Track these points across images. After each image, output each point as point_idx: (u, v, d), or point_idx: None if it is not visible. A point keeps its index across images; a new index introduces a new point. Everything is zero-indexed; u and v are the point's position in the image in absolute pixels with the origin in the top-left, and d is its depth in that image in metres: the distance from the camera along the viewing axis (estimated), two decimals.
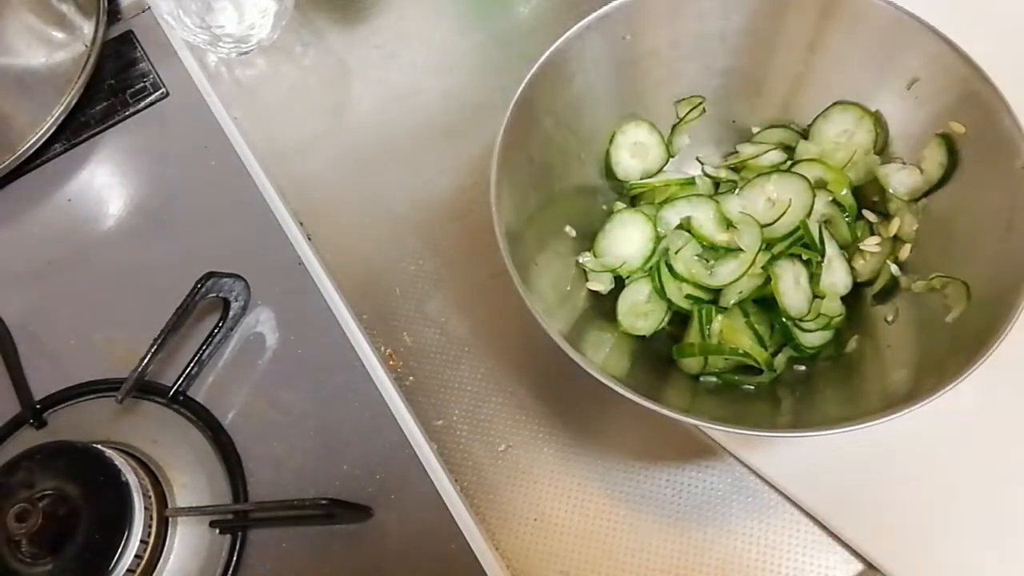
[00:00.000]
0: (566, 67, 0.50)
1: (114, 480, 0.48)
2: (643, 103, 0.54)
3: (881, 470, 0.48)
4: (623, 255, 0.52)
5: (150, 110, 0.67)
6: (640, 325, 0.51)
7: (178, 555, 0.50)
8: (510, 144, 0.47)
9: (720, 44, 0.52)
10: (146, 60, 0.69)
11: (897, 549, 0.46)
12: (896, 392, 0.43)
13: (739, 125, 0.56)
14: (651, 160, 0.55)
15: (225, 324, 0.56)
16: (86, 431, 0.53)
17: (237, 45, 0.65)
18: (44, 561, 0.45)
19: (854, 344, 0.49)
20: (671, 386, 0.49)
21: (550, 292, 0.48)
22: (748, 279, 0.50)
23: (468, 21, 0.68)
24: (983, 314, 0.42)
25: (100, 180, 0.65)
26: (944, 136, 0.48)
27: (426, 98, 0.65)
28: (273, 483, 0.52)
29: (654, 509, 0.49)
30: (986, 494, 0.47)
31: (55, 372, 0.56)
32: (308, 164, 0.63)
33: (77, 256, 0.61)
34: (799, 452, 0.49)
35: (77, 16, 0.66)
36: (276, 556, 0.50)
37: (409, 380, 0.54)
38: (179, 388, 0.54)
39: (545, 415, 0.53)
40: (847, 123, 0.51)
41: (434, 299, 0.57)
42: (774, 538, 0.48)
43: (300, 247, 0.59)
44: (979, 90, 0.45)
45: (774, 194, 0.50)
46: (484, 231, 0.46)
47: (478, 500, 0.50)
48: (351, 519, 0.50)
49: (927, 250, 0.49)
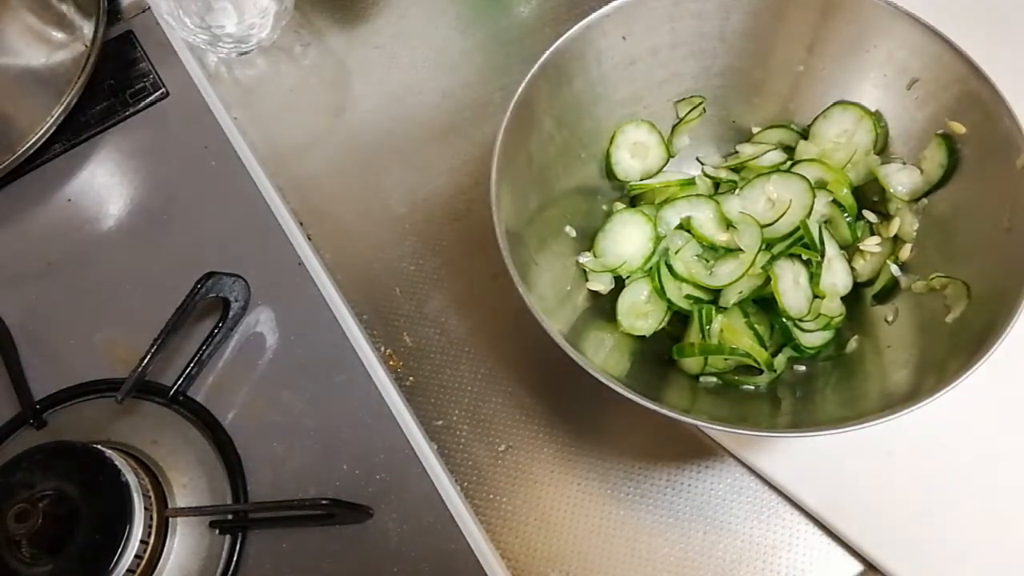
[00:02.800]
0: (566, 67, 0.50)
1: (114, 480, 0.48)
2: (643, 103, 0.54)
3: (881, 470, 0.48)
4: (623, 255, 0.52)
5: (150, 110, 0.67)
6: (640, 325, 0.51)
7: (178, 555, 0.50)
8: (510, 144, 0.47)
9: (720, 44, 0.52)
10: (146, 60, 0.69)
11: (897, 549, 0.46)
12: (896, 392, 0.43)
13: (739, 125, 0.56)
14: (651, 160, 0.55)
15: (225, 324, 0.56)
16: (86, 431, 0.54)
17: (237, 45, 0.65)
18: (44, 561, 0.45)
19: (854, 344, 0.49)
20: (671, 386, 0.49)
21: (550, 292, 0.48)
22: (748, 279, 0.50)
23: (468, 21, 0.68)
24: (983, 314, 0.42)
25: (100, 180, 0.65)
26: (944, 136, 0.48)
27: (426, 98, 0.65)
28: (273, 483, 0.52)
29: (654, 509, 0.49)
30: (986, 494, 0.47)
31: (55, 372, 0.56)
32: (308, 164, 0.63)
33: (77, 256, 0.61)
34: (799, 452, 0.49)
35: (77, 16, 0.66)
36: (276, 556, 0.50)
37: (409, 380, 0.54)
38: (179, 388, 0.54)
39: (545, 415, 0.53)
40: (847, 123, 0.51)
41: (434, 299, 0.57)
42: (774, 538, 0.48)
43: (300, 247, 0.59)
44: (979, 90, 0.45)
45: (774, 194, 0.50)
46: (484, 231, 0.46)
47: (478, 500, 0.50)
48: (351, 519, 0.50)
49: (927, 250, 0.49)
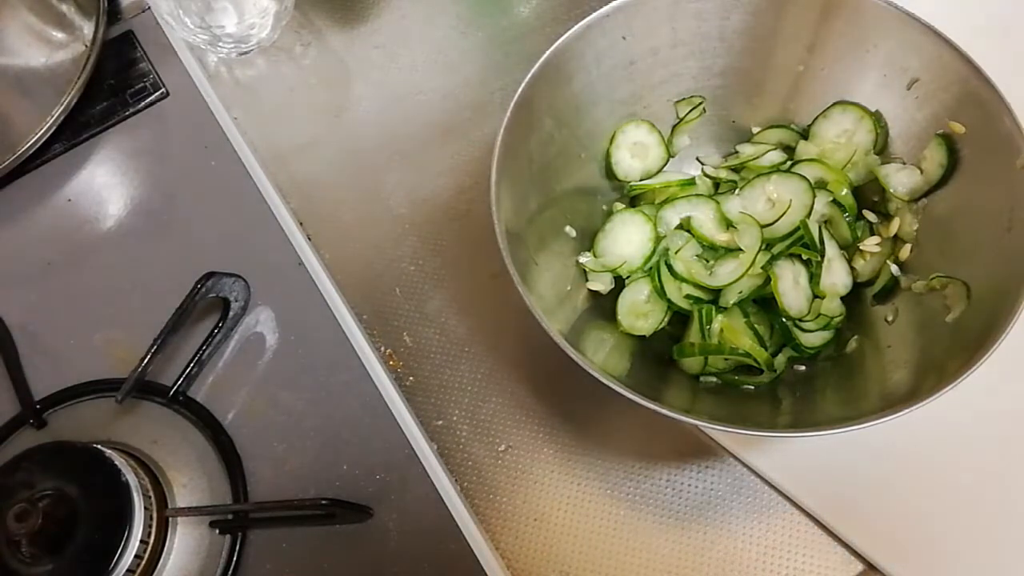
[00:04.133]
0: (566, 67, 0.50)
1: (114, 480, 0.48)
2: (643, 103, 0.54)
3: (882, 470, 0.48)
4: (623, 255, 0.52)
5: (150, 110, 0.67)
6: (640, 325, 0.51)
7: (178, 555, 0.50)
8: (510, 144, 0.47)
9: (720, 44, 0.52)
10: (146, 60, 0.69)
11: (897, 549, 0.46)
12: (896, 392, 0.43)
13: (739, 125, 0.56)
14: (651, 160, 0.55)
15: (225, 324, 0.56)
16: (86, 431, 0.54)
17: (237, 45, 0.65)
18: (44, 561, 0.45)
19: (854, 344, 0.49)
20: (671, 386, 0.49)
21: (550, 292, 0.48)
22: (748, 279, 0.50)
23: (468, 21, 0.68)
24: (983, 314, 0.42)
25: (100, 180, 0.65)
26: (944, 136, 0.48)
27: (426, 98, 0.65)
28: (273, 483, 0.52)
29: (654, 509, 0.49)
30: (986, 494, 0.47)
31: (55, 372, 0.56)
32: (308, 164, 0.63)
33: (77, 256, 0.61)
34: (799, 452, 0.49)
35: (77, 16, 0.66)
36: (276, 556, 0.50)
37: (409, 380, 0.54)
38: (179, 388, 0.54)
39: (545, 415, 0.53)
40: (847, 123, 0.51)
41: (434, 299, 0.57)
42: (774, 538, 0.48)
43: (300, 247, 0.59)
44: (979, 90, 0.45)
45: (774, 194, 0.50)
46: (484, 231, 0.46)
47: (478, 500, 0.50)
48: (351, 519, 0.50)
49: (927, 250, 0.49)
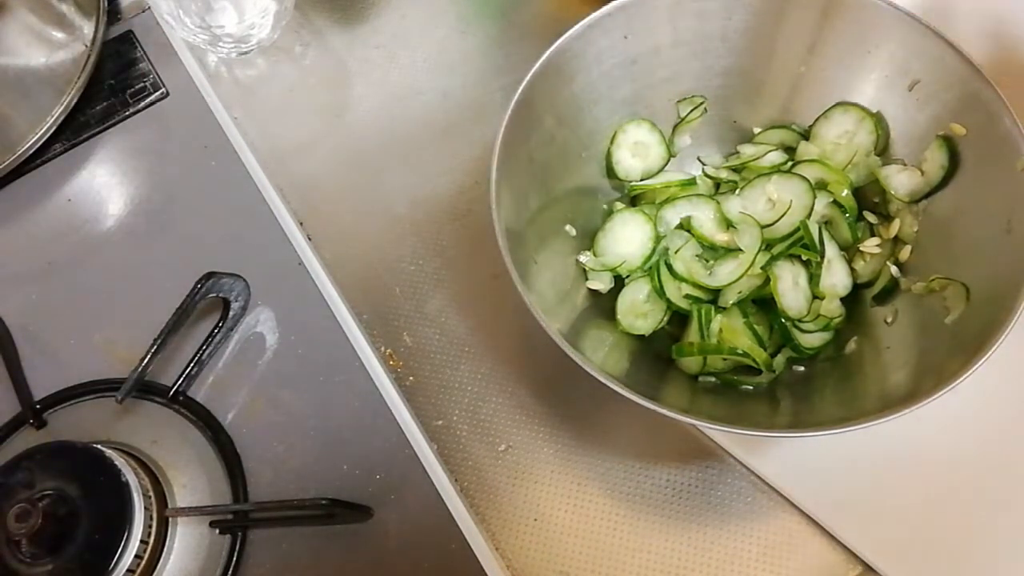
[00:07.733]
0: (566, 67, 0.50)
1: (114, 480, 0.48)
2: (644, 103, 0.54)
3: (881, 470, 0.48)
4: (623, 254, 0.52)
5: (150, 110, 0.66)
6: (639, 325, 0.51)
7: (178, 555, 0.50)
8: (510, 144, 0.47)
9: (721, 44, 0.52)
10: (146, 60, 0.68)
11: (897, 550, 0.46)
12: (895, 393, 0.43)
13: (740, 125, 0.56)
14: (652, 160, 0.55)
15: (225, 324, 0.56)
16: (86, 431, 0.53)
17: (237, 45, 0.65)
18: (44, 561, 0.45)
19: (853, 345, 0.49)
20: (670, 386, 0.49)
21: (550, 291, 0.48)
22: (747, 279, 0.50)
23: (468, 21, 0.68)
24: (983, 315, 0.42)
25: (100, 180, 0.64)
26: (945, 138, 0.48)
27: (426, 98, 0.65)
28: (273, 483, 0.52)
29: (654, 509, 0.49)
30: (986, 494, 0.47)
31: (55, 372, 0.56)
32: (308, 164, 0.63)
33: (77, 256, 0.61)
34: (798, 452, 0.49)
35: (77, 16, 0.66)
36: (276, 556, 0.50)
37: (409, 380, 0.54)
38: (179, 388, 0.54)
39: (545, 415, 0.53)
40: (848, 124, 0.51)
41: (434, 299, 0.57)
42: (774, 538, 0.48)
43: (300, 247, 0.59)
44: (980, 92, 0.45)
45: (774, 195, 0.50)
46: (484, 231, 0.46)
47: (478, 500, 0.50)
48: (351, 519, 0.50)
49: (927, 252, 0.49)
